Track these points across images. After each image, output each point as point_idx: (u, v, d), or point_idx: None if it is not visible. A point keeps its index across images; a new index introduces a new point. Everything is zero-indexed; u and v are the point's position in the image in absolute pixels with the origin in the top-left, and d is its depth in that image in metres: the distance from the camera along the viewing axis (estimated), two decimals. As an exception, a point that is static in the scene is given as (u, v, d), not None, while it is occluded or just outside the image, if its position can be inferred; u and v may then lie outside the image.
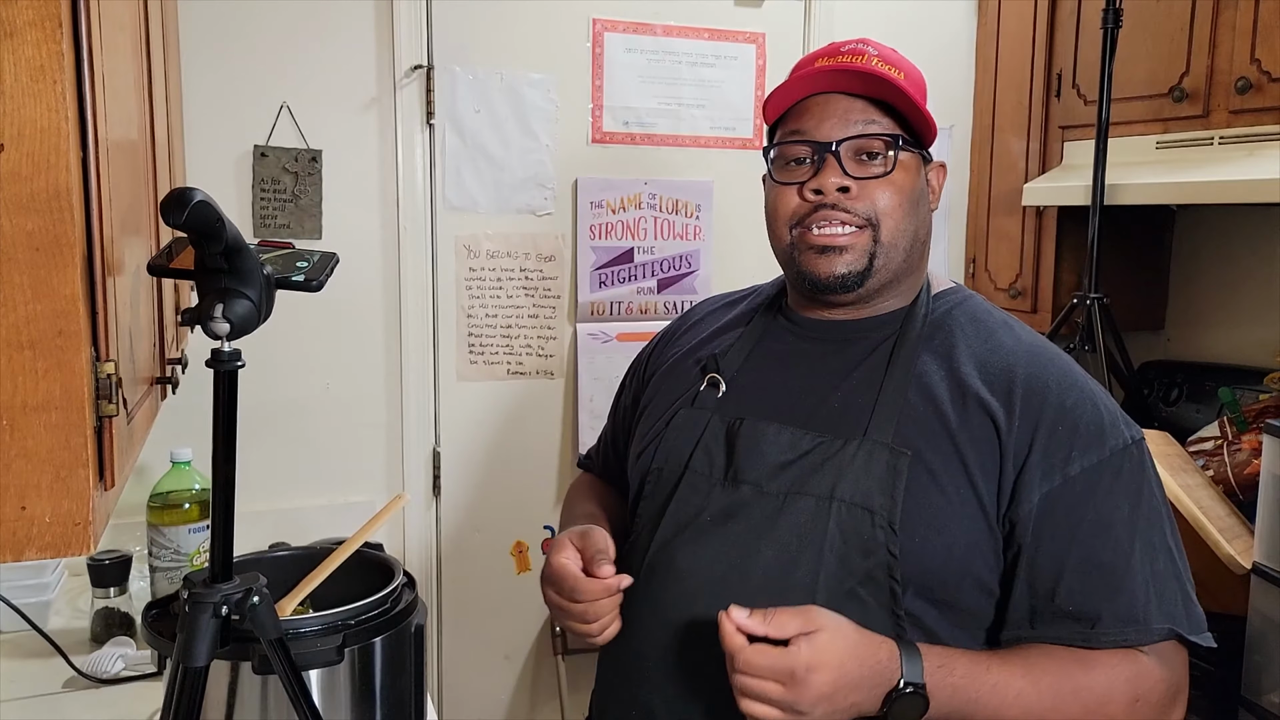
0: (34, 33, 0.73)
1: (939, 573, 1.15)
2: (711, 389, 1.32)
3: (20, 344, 0.75)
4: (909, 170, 1.25)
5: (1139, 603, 1.12)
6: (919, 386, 1.21)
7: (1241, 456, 2.14)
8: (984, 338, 1.25)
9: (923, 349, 1.24)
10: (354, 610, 1.31)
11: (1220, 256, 2.68)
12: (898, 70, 1.24)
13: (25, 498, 0.77)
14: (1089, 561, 1.13)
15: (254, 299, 0.98)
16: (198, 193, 0.86)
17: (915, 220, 1.26)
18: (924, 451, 1.17)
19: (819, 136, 1.23)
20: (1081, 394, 1.19)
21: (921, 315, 1.28)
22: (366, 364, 2.52)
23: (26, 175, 0.73)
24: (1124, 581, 1.12)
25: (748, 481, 1.23)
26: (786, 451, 1.22)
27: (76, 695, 1.70)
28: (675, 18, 2.68)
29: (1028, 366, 1.20)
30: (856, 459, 1.18)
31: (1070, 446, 1.15)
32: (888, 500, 1.15)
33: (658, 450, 1.33)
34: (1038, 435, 1.15)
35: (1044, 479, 1.14)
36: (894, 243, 1.24)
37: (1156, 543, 1.15)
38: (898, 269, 1.26)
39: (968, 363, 1.22)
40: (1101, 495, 1.14)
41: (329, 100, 2.41)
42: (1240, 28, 2.20)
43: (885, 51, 1.27)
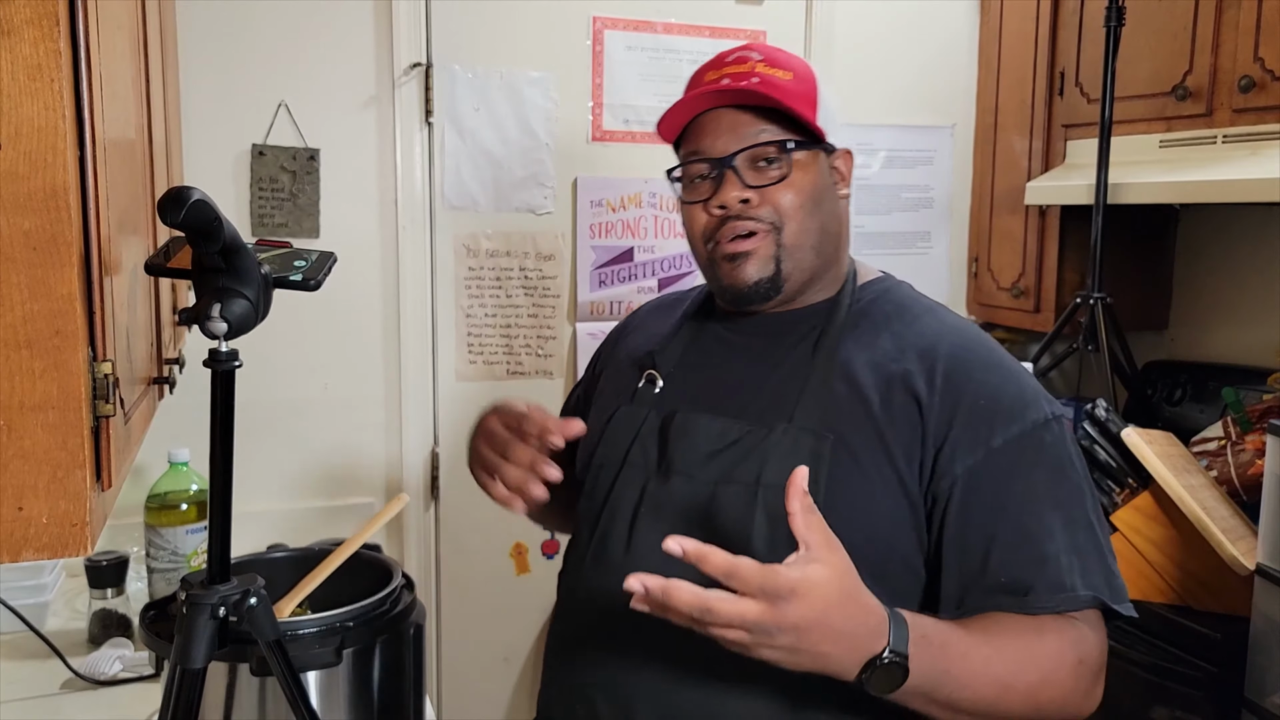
0: (31, 31, 0.72)
1: (863, 551, 1.14)
2: (649, 386, 1.37)
3: (17, 343, 0.74)
4: (807, 169, 1.28)
5: (1065, 572, 1.14)
6: (843, 373, 1.25)
7: (1245, 457, 2.14)
8: (907, 322, 1.29)
9: (847, 336, 1.28)
10: (352, 612, 1.31)
11: (1224, 256, 2.67)
12: (784, 72, 1.27)
13: (22, 498, 0.76)
14: (1017, 532, 1.15)
15: (252, 298, 0.98)
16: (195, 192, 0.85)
17: (820, 215, 1.29)
18: (847, 434, 1.20)
19: (715, 153, 1.27)
20: (1003, 371, 1.23)
21: (846, 305, 1.31)
22: (365, 364, 2.52)
23: (24, 174, 0.73)
24: (1050, 551, 1.15)
25: (679, 472, 1.26)
26: (716, 441, 1.25)
27: (74, 697, 1.70)
28: (676, 15, 2.68)
29: (949, 346, 1.24)
30: (782, 445, 1.21)
31: (993, 420, 1.18)
32: (811, 484, 1.14)
33: (598, 447, 1.37)
34: (959, 411, 1.18)
35: (967, 453, 1.17)
36: (799, 242, 1.27)
37: (1078, 517, 1.18)
38: (812, 265, 1.30)
39: (890, 346, 1.25)
40: (1025, 468, 1.17)
41: (327, 99, 2.41)
42: (1243, 26, 2.19)
43: (771, 53, 1.30)
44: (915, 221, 3.02)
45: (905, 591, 1.21)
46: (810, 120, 1.26)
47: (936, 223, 3.04)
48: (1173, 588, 1.99)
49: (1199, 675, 1.90)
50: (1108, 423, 2.08)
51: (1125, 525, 2.01)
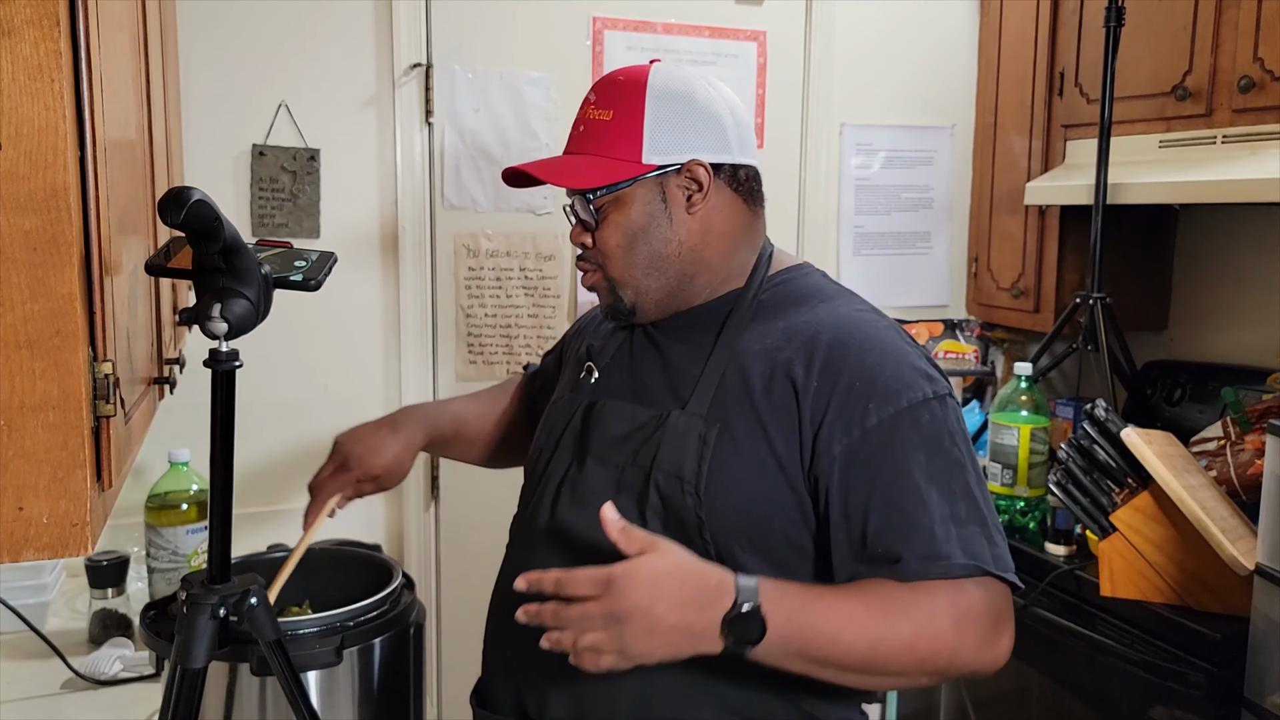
0: (32, 31, 0.72)
1: (742, 528, 1.26)
2: (587, 377, 1.47)
3: (18, 344, 0.75)
4: (625, 205, 1.34)
5: (939, 542, 1.17)
6: (735, 362, 1.31)
7: (1245, 457, 2.14)
8: (802, 311, 1.34)
9: (746, 327, 1.35)
10: (353, 611, 1.31)
11: (1223, 256, 2.67)
12: (606, 111, 1.36)
13: (23, 498, 0.76)
14: (891, 506, 1.19)
15: (252, 298, 0.98)
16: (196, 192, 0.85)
17: (649, 243, 1.35)
18: (731, 420, 1.28)
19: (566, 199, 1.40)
20: (884, 354, 1.26)
21: (750, 297, 1.38)
22: (365, 364, 2.52)
23: (24, 174, 0.73)
24: (921, 522, 1.18)
25: (592, 455, 1.37)
26: (625, 425, 1.35)
27: (74, 696, 1.70)
28: (676, 15, 2.68)
29: (834, 332, 1.28)
30: (675, 431, 1.30)
31: (868, 401, 1.22)
32: (695, 468, 1.26)
33: (540, 433, 1.50)
34: (835, 394, 1.23)
35: (843, 433, 1.22)
36: (627, 274, 1.37)
37: (957, 489, 1.21)
38: (660, 287, 1.37)
39: (780, 337, 1.31)
40: (898, 445, 1.21)
41: (327, 99, 2.41)
42: (1243, 26, 2.19)
43: (606, 91, 1.39)
44: (915, 222, 3.03)
45: (793, 567, 1.26)
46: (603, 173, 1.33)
47: (936, 223, 3.04)
48: (1172, 588, 1.99)
49: (1199, 675, 1.90)
50: (1107, 423, 2.08)
51: (1125, 525, 2.01)
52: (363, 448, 1.56)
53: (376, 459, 1.56)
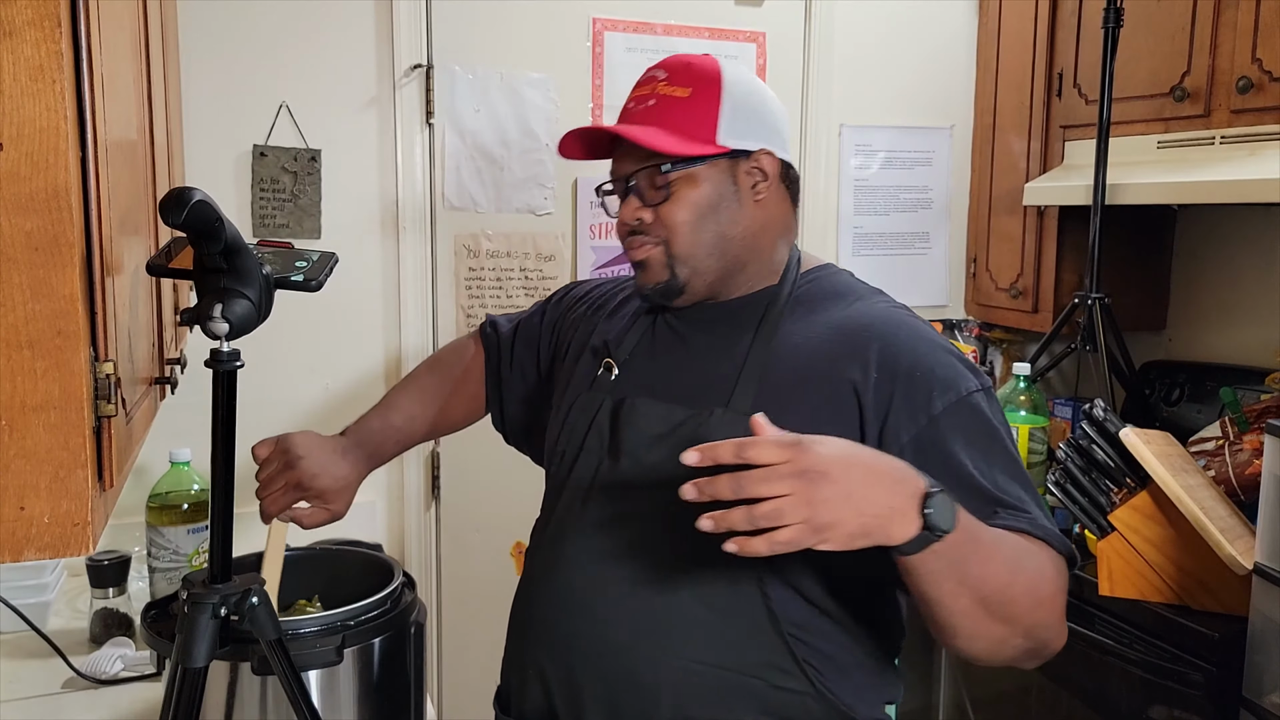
0: (33, 32, 0.72)
1: None
2: (606, 373, 1.44)
3: (19, 344, 0.75)
4: (697, 183, 1.33)
5: (1027, 504, 1.20)
6: (779, 356, 1.30)
7: (1243, 457, 2.14)
8: (841, 307, 1.34)
9: (784, 322, 1.34)
10: (353, 611, 1.31)
11: (1221, 256, 2.68)
12: (683, 89, 1.33)
13: (24, 498, 0.76)
14: (971, 481, 1.19)
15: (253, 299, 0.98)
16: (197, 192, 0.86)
17: (717, 224, 1.34)
18: (780, 416, 1.20)
19: (617, 173, 1.38)
20: (933, 346, 1.28)
21: (786, 294, 1.37)
22: (366, 364, 2.52)
23: (25, 175, 0.73)
24: (1007, 488, 1.20)
25: (626, 455, 1.34)
26: (660, 425, 1.32)
27: (76, 696, 1.70)
28: (676, 17, 2.68)
29: (882, 325, 1.29)
30: (719, 428, 1.26)
31: (930, 389, 1.23)
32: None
33: (560, 434, 1.45)
34: (897, 384, 1.23)
35: (910, 421, 1.22)
36: (690, 252, 1.34)
37: (1018, 474, 1.23)
38: (715, 268, 1.35)
39: (825, 331, 1.31)
40: (965, 430, 1.22)
41: (328, 100, 2.41)
42: (1241, 27, 2.19)
43: (677, 70, 1.36)
44: (914, 222, 3.03)
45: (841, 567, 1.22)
46: (682, 146, 1.30)
47: (935, 223, 3.05)
48: (1171, 587, 1.99)
49: (1197, 675, 1.90)
50: (1105, 423, 2.08)
51: (1123, 525, 2.02)
52: (315, 463, 1.47)
53: (329, 480, 1.49)
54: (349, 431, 1.62)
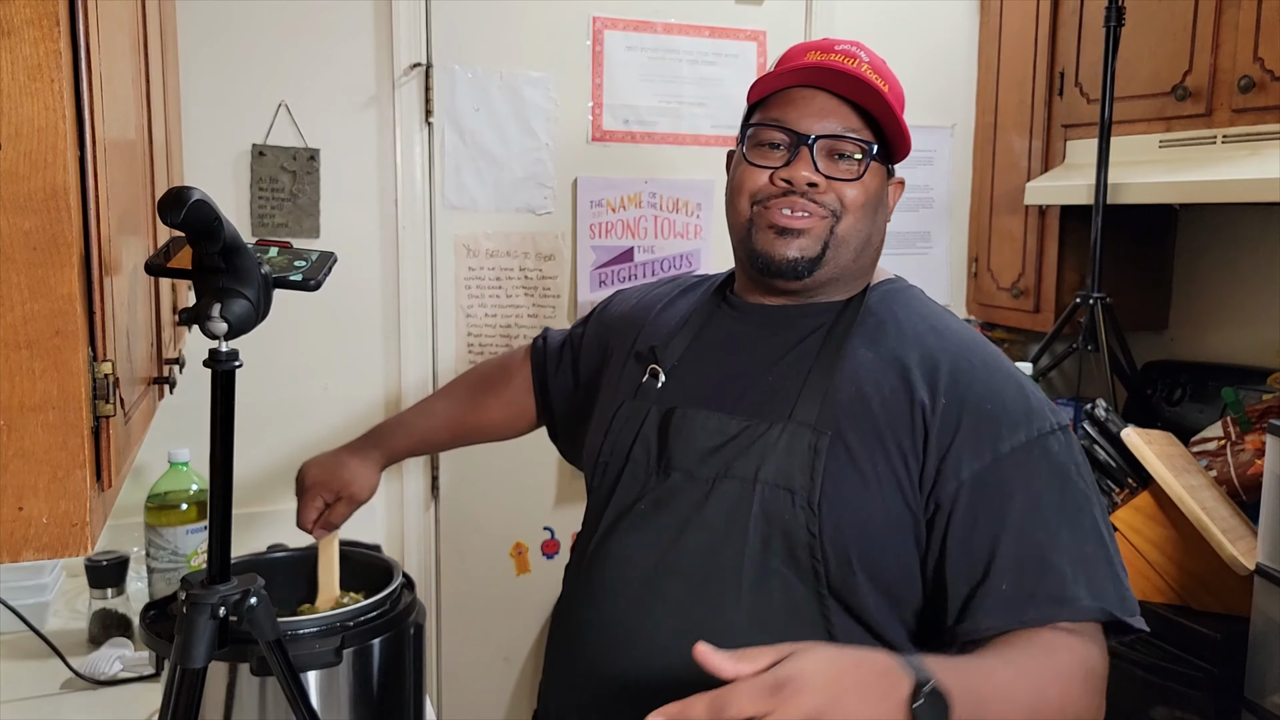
0: (31, 31, 0.72)
1: (857, 549, 1.17)
2: (652, 380, 1.36)
3: (17, 344, 0.74)
4: (875, 178, 1.29)
5: (1069, 582, 1.11)
6: (846, 370, 1.24)
7: (1245, 457, 2.14)
8: (914, 324, 1.28)
9: (854, 335, 1.27)
10: (352, 612, 1.31)
11: (1223, 256, 2.67)
12: (883, 82, 1.26)
13: (22, 498, 0.76)
14: (1022, 541, 1.13)
15: (252, 298, 0.98)
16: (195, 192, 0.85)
17: (871, 224, 1.30)
18: (845, 432, 1.19)
19: (798, 128, 1.26)
20: (1007, 377, 1.22)
21: (856, 304, 1.32)
22: (365, 364, 2.52)
23: (24, 174, 0.73)
24: (1052, 560, 1.12)
25: (678, 468, 1.27)
26: (715, 436, 1.25)
27: (74, 696, 1.70)
28: (676, 15, 2.68)
29: (954, 350, 1.23)
30: (780, 441, 1.21)
31: (999, 424, 1.16)
32: (807, 480, 1.18)
33: (604, 444, 1.38)
34: (965, 414, 1.17)
35: (974, 457, 1.15)
36: (848, 238, 1.27)
37: (1086, 525, 1.15)
38: (846, 265, 1.29)
39: (896, 347, 1.24)
40: (1031, 476, 1.15)
41: (327, 99, 2.41)
42: (1243, 26, 2.19)
43: (876, 61, 1.29)
44: (915, 221, 3.02)
45: (905, 593, 1.20)
46: (904, 133, 1.27)
47: (936, 223, 3.04)
48: (1172, 588, 1.99)
49: (1199, 675, 1.90)
50: (1107, 423, 2.08)
51: (1125, 525, 2.01)
52: (320, 469, 1.56)
53: (334, 476, 1.54)
54: (369, 431, 1.67)
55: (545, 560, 2.73)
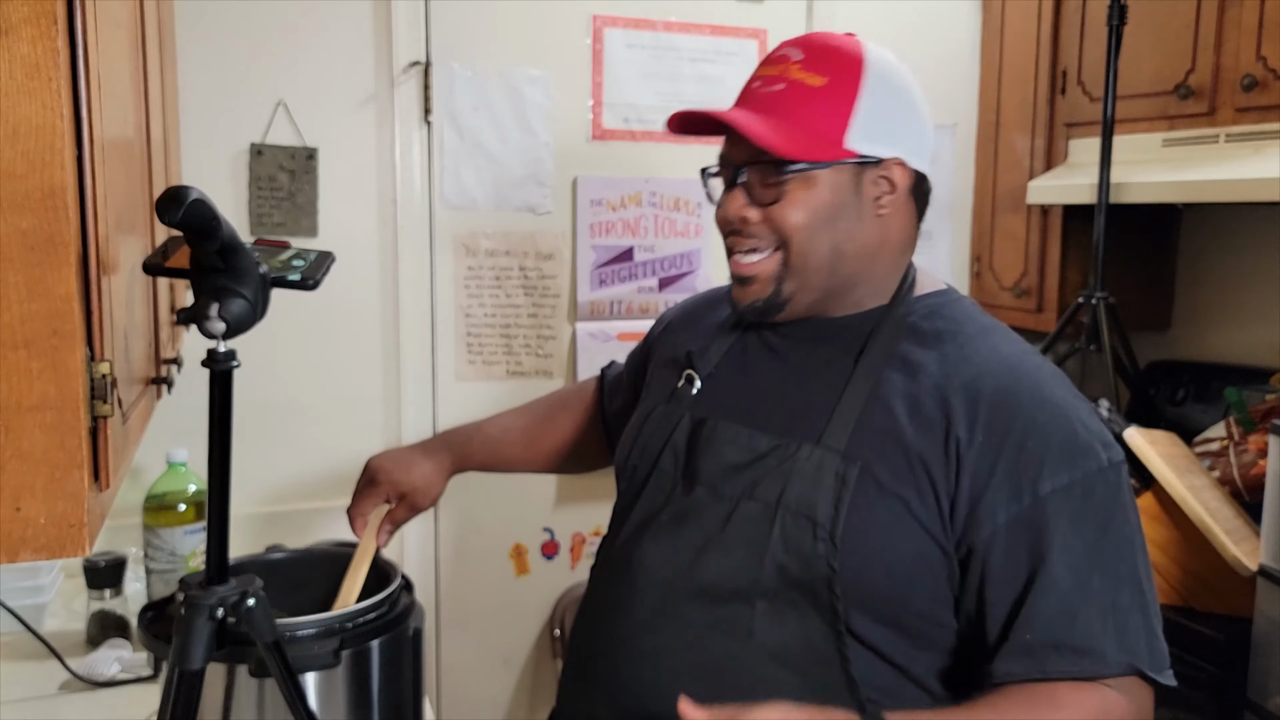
0: (29, 30, 0.72)
1: (880, 590, 1.13)
2: (687, 386, 1.32)
3: (15, 344, 0.74)
4: (818, 187, 1.17)
5: (1096, 634, 1.07)
6: (881, 394, 1.17)
7: (1248, 457, 2.13)
8: (959, 344, 1.19)
9: (892, 354, 1.20)
10: (351, 613, 1.30)
11: (1227, 255, 2.67)
12: (819, 77, 1.17)
13: (20, 499, 0.76)
14: (1049, 587, 1.08)
15: (250, 298, 0.97)
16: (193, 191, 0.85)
17: (834, 234, 1.18)
18: (874, 463, 1.13)
19: (728, 159, 1.24)
20: (1057, 410, 1.13)
21: (897, 317, 1.23)
22: (363, 364, 2.51)
23: (21, 174, 0.73)
24: (1080, 611, 1.07)
25: (702, 483, 1.23)
26: (743, 453, 1.21)
27: (72, 698, 1.69)
28: (676, 14, 2.67)
29: (999, 379, 1.14)
30: (807, 466, 1.15)
31: (1041, 464, 1.09)
32: (831, 512, 1.12)
33: (633, 447, 1.34)
34: (1004, 453, 1.10)
35: (1011, 499, 1.09)
36: (805, 260, 1.19)
37: (1124, 572, 1.10)
38: (823, 286, 1.21)
39: (936, 372, 1.16)
40: (1069, 519, 1.09)
41: (326, 97, 2.40)
42: (1246, 25, 2.19)
43: (816, 52, 1.20)
44: (916, 221, 3.01)
45: (931, 634, 1.16)
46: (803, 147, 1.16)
47: (938, 222, 3.04)
48: (1175, 589, 1.99)
49: (1202, 676, 1.90)
50: (1110, 423, 2.07)
51: (1127, 526, 2.01)
52: (391, 464, 1.53)
53: (405, 476, 1.51)
54: (439, 434, 1.65)
55: (545, 562, 2.73)
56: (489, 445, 1.63)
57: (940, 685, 1.18)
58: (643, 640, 1.22)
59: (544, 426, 1.67)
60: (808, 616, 1.14)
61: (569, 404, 1.69)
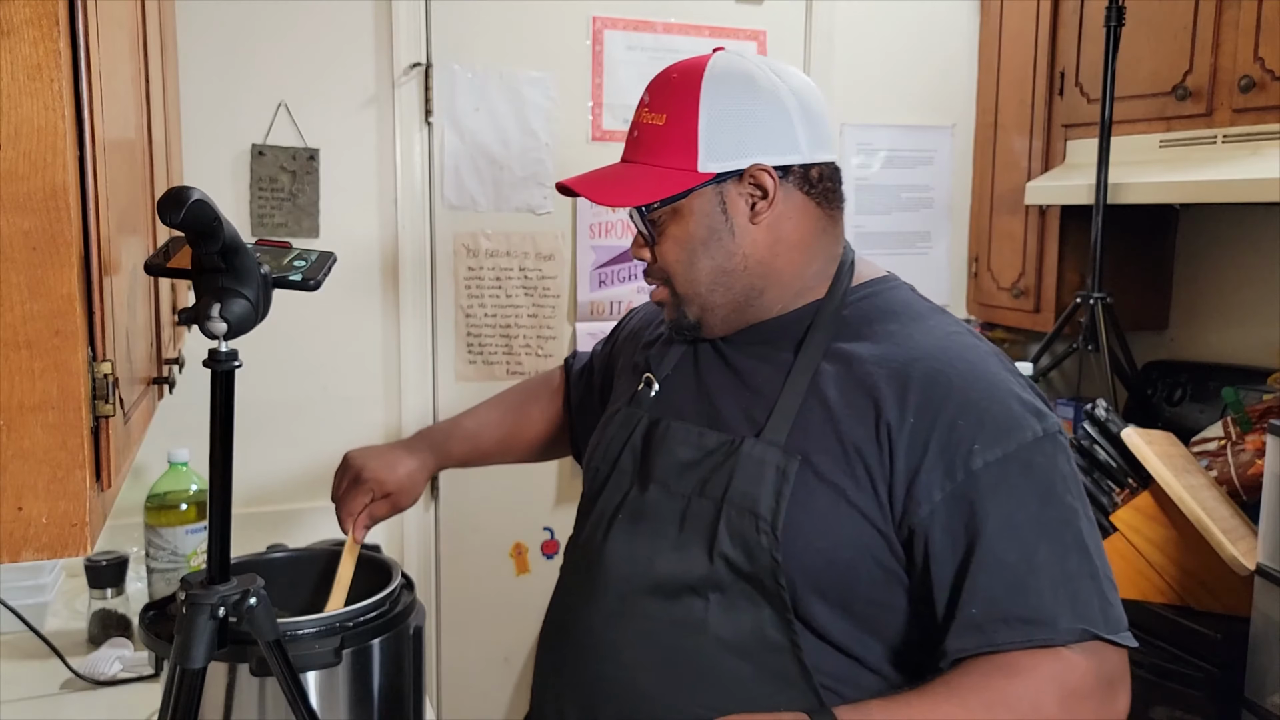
0: (31, 31, 0.72)
1: (824, 578, 1.15)
2: (646, 389, 1.37)
3: (17, 344, 0.74)
4: (684, 216, 1.24)
5: (1046, 603, 1.08)
6: (817, 386, 1.20)
7: (1245, 457, 2.14)
8: (891, 333, 1.21)
9: (828, 347, 1.23)
10: (352, 612, 1.31)
11: (1224, 256, 2.67)
12: (659, 115, 1.25)
13: (22, 498, 0.76)
14: (993, 562, 1.09)
15: (251, 298, 0.98)
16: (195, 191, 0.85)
17: (710, 257, 1.25)
18: (813, 454, 1.16)
19: None
20: (989, 386, 1.15)
21: (832, 311, 1.25)
22: (364, 364, 2.51)
23: (23, 174, 0.73)
24: (1028, 582, 1.08)
25: (656, 481, 1.27)
26: (693, 451, 1.25)
27: (74, 697, 1.70)
28: (676, 15, 2.68)
29: (929, 361, 1.16)
30: (749, 461, 1.19)
31: (974, 440, 1.10)
32: (773, 504, 1.15)
33: (596, 449, 1.39)
34: (935, 433, 1.12)
35: (945, 477, 1.11)
36: (691, 290, 1.27)
37: (1069, 540, 1.11)
38: (725, 303, 1.27)
39: (868, 360, 1.18)
40: (1006, 493, 1.10)
41: (327, 98, 2.41)
42: (1244, 26, 2.19)
43: (661, 90, 1.28)
44: (915, 221, 3.02)
45: (879, 618, 1.18)
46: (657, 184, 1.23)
47: (936, 223, 3.04)
48: (1173, 588, 1.99)
49: (1199, 675, 1.90)
50: (1108, 423, 2.08)
51: (1125, 525, 2.01)
52: (376, 462, 1.53)
53: (390, 475, 1.52)
54: (419, 432, 1.68)
55: (545, 560, 2.73)
56: (468, 441, 1.67)
57: (895, 671, 1.19)
58: (605, 635, 1.26)
59: (518, 419, 1.71)
60: (759, 608, 1.17)
61: (539, 396, 1.73)
